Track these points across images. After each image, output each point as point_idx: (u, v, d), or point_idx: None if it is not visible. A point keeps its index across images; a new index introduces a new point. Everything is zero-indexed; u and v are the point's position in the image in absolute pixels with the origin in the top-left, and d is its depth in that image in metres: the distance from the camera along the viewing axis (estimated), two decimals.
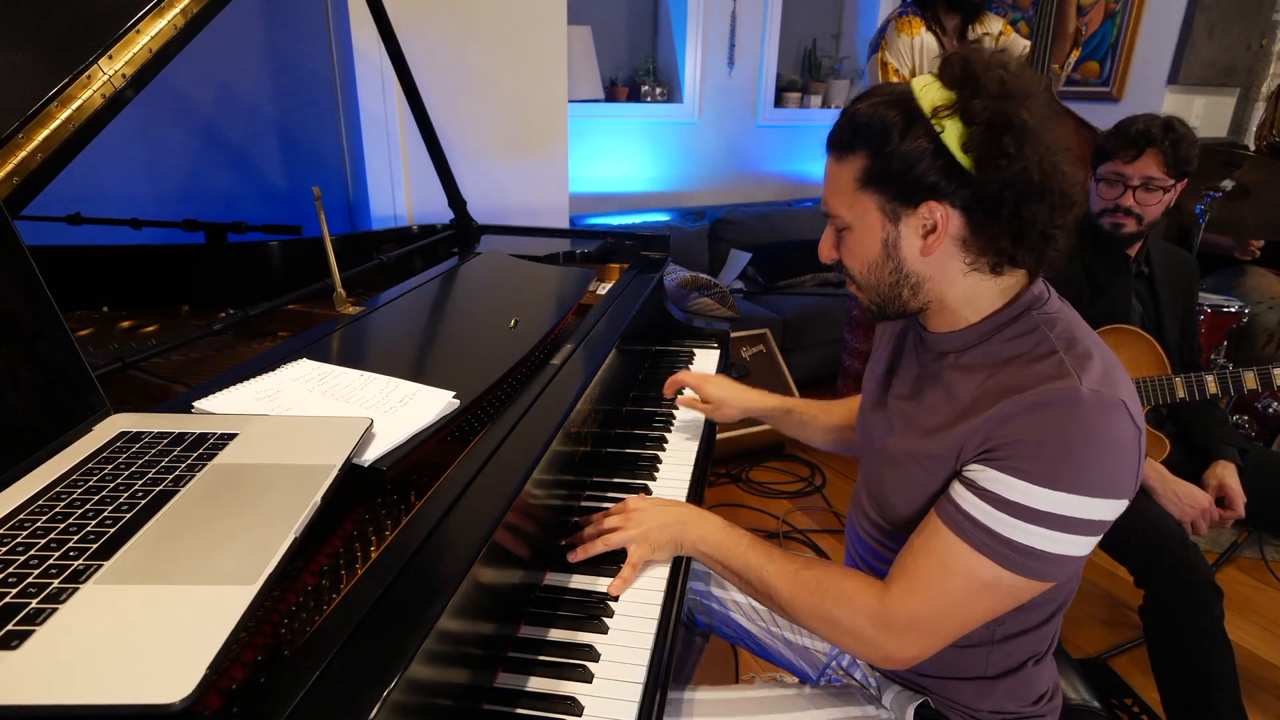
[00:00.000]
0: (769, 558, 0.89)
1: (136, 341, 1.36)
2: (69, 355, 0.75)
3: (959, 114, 0.73)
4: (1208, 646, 1.38)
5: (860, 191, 0.79)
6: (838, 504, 2.58)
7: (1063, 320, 0.80)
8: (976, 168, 0.73)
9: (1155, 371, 1.64)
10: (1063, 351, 0.75)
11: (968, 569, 0.75)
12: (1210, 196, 2.24)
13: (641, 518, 0.94)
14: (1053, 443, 0.71)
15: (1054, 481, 0.71)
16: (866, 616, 0.80)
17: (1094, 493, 0.71)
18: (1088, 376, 0.73)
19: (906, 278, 0.82)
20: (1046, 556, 0.73)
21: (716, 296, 2.74)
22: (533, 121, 2.34)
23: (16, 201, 0.91)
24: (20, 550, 0.56)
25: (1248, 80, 3.15)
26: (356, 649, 0.55)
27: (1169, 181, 1.53)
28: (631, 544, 0.92)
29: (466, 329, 1.17)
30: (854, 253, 0.84)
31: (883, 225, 0.80)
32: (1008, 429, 0.74)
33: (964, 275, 0.80)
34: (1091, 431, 0.71)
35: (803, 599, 0.84)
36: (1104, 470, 0.71)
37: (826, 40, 4.30)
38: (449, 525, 0.71)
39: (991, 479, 0.74)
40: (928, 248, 0.79)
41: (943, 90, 0.75)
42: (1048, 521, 0.72)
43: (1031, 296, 0.81)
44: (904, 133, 0.75)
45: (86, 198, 1.92)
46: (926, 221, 0.77)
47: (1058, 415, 0.72)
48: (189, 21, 1.07)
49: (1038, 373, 0.74)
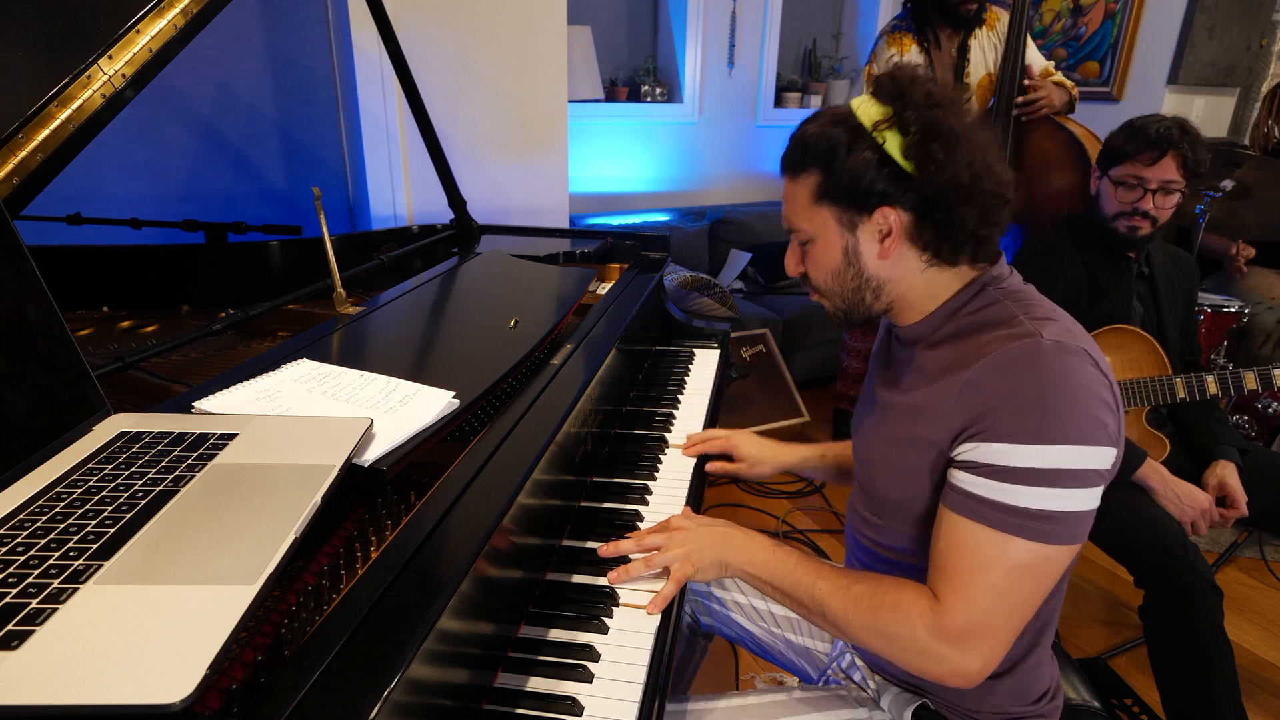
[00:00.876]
0: (819, 574, 0.87)
1: (136, 341, 1.36)
2: (69, 355, 0.75)
3: (896, 125, 0.79)
4: (1208, 646, 1.38)
5: (817, 206, 0.86)
6: (838, 504, 2.58)
7: (1023, 292, 0.85)
8: (918, 170, 0.79)
9: (1155, 372, 1.64)
10: (1022, 315, 0.80)
11: (1001, 554, 0.75)
12: (1210, 196, 2.24)
13: (685, 538, 0.92)
14: (1025, 396, 0.74)
15: (1039, 435, 0.73)
16: (924, 629, 0.78)
17: (1081, 439, 0.73)
18: (1048, 330, 0.77)
19: (868, 281, 0.87)
20: (1063, 517, 0.74)
21: (716, 296, 2.74)
22: (533, 121, 2.34)
23: (16, 201, 0.91)
24: (20, 550, 0.56)
25: (1248, 80, 3.15)
26: (356, 649, 0.55)
27: (1184, 184, 1.53)
28: (675, 564, 0.90)
29: (466, 329, 1.17)
30: (818, 264, 0.89)
31: (841, 235, 0.85)
32: (980, 395, 0.77)
33: (922, 271, 0.86)
34: (1059, 377, 0.74)
35: (857, 615, 0.83)
36: (1082, 413, 0.74)
37: (826, 40, 4.30)
38: (449, 525, 0.71)
39: (985, 452, 0.76)
40: (885, 250, 0.84)
41: (879, 106, 0.81)
42: (1050, 479, 0.73)
43: (989, 276, 0.86)
44: (850, 148, 0.81)
45: (86, 198, 1.93)
46: (881, 226, 0.83)
47: (1023, 368, 0.75)
48: (189, 21, 1.07)
49: (1001, 335, 0.79)
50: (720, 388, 1.49)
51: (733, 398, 2.88)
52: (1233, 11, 3.03)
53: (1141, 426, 1.67)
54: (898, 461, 0.87)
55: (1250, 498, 1.54)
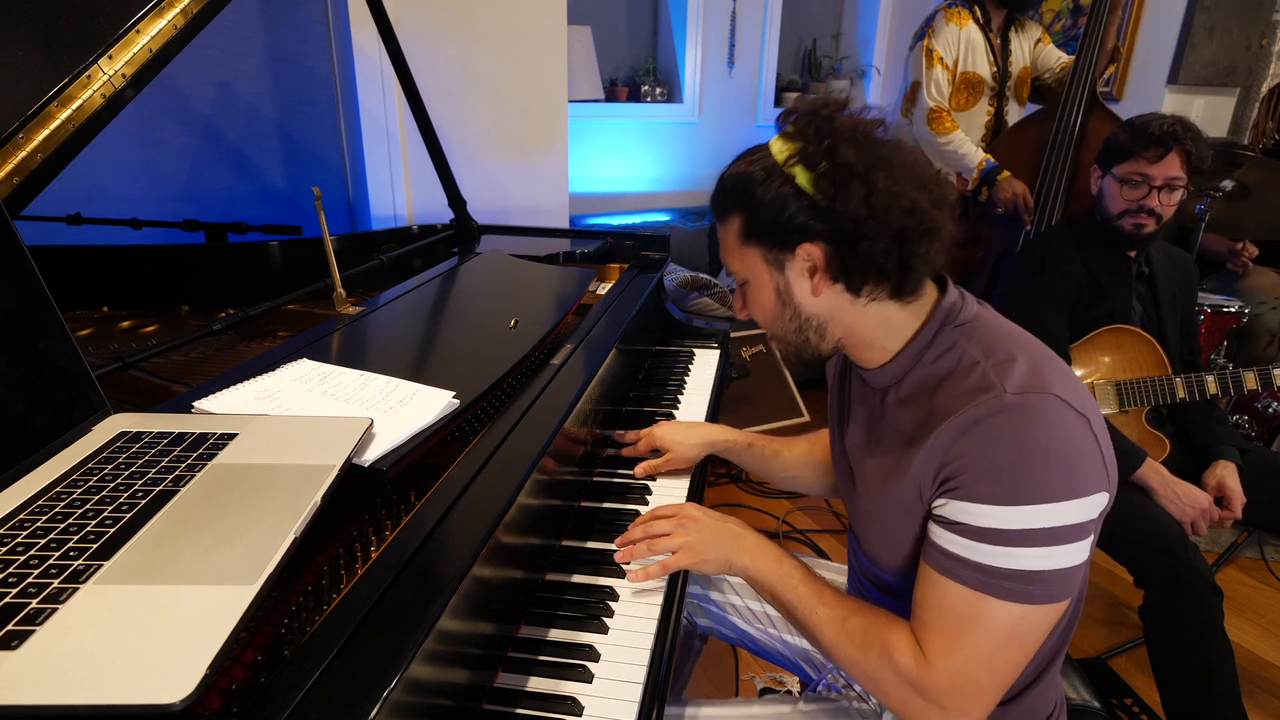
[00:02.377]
0: (820, 598, 0.85)
1: (136, 341, 1.36)
2: (69, 355, 0.75)
3: (801, 160, 0.77)
4: (1208, 646, 1.38)
5: (744, 247, 0.83)
6: (838, 504, 2.58)
7: (980, 328, 0.80)
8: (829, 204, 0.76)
9: (1156, 372, 1.64)
10: (983, 361, 0.75)
11: (977, 615, 0.73)
12: (1210, 196, 2.24)
13: (696, 528, 0.92)
14: (996, 459, 0.71)
15: (1013, 497, 0.70)
16: (910, 684, 0.76)
17: (1058, 497, 0.69)
18: (1010, 381, 0.72)
19: (808, 321, 0.83)
20: (1040, 576, 0.71)
21: (716, 296, 2.74)
22: (533, 121, 2.34)
23: (16, 201, 0.91)
24: (20, 550, 0.56)
25: (1248, 80, 3.15)
26: (356, 649, 0.56)
27: (1187, 180, 1.53)
28: (679, 550, 0.90)
29: (466, 329, 1.17)
30: (756, 305, 0.87)
31: (770, 274, 0.83)
32: (950, 455, 0.73)
33: (865, 307, 0.81)
34: (1030, 438, 0.70)
35: (848, 650, 0.81)
36: (1057, 472, 0.70)
37: (826, 40, 4.30)
38: (449, 525, 0.71)
39: (956, 510, 0.73)
40: (815, 288, 0.80)
41: (788, 142, 0.79)
42: (1026, 539, 0.70)
43: (944, 311, 0.81)
44: (764, 184, 0.78)
45: (86, 198, 1.93)
46: (805, 263, 0.80)
47: (991, 431, 0.71)
48: (189, 21, 1.08)
49: (964, 390, 0.74)
50: (720, 388, 1.49)
51: (733, 398, 2.88)
52: (1233, 11, 3.03)
53: (1141, 426, 1.67)
54: (889, 529, 0.84)
55: (1250, 498, 1.54)
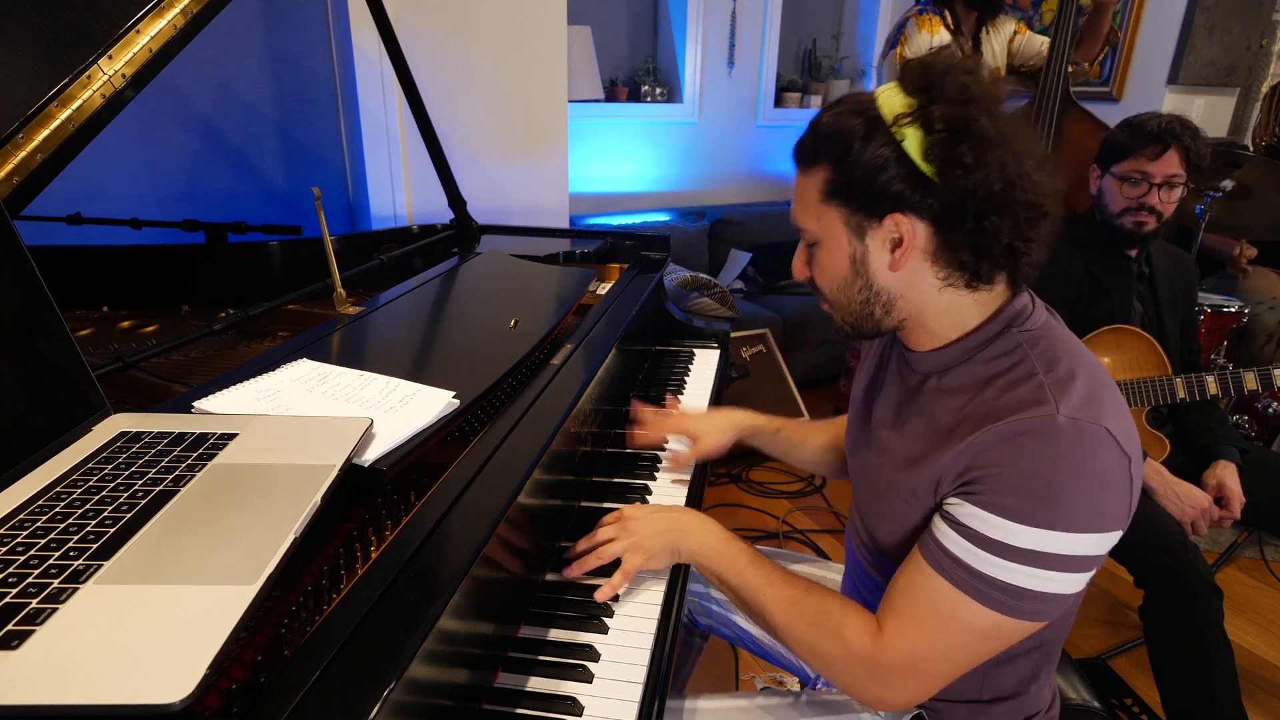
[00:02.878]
0: (767, 579, 0.85)
1: (136, 341, 1.36)
2: (69, 355, 0.75)
3: (919, 121, 0.70)
4: (1208, 646, 1.38)
5: (825, 204, 0.77)
6: (838, 504, 2.58)
7: (1046, 337, 0.76)
8: (938, 177, 0.70)
9: (1156, 372, 1.64)
10: (1043, 374, 0.72)
11: (954, 611, 0.72)
12: (1210, 196, 2.24)
13: (636, 526, 0.91)
14: (1029, 477, 0.68)
15: (1032, 518, 0.68)
16: (860, 660, 0.76)
17: (1077, 528, 0.68)
18: (1066, 402, 0.69)
19: (877, 295, 0.79)
20: (1031, 595, 0.70)
21: (716, 296, 2.74)
22: (533, 122, 2.34)
23: (16, 201, 0.91)
24: (20, 550, 0.56)
25: (1248, 80, 3.15)
26: (356, 649, 0.55)
27: (1187, 178, 1.54)
28: (626, 553, 0.89)
29: (466, 329, 1.17)
30: (824, 269, 0.81)
31: (849, 240, 0.77)
32: (984, 459, 0.71)
33: (939, 291, 0.77)
34: (1070, 464, 0.67)
35: (798, 628, 0.81)
36: (1086, 504, 0.68)
37: (826, 40, 4.30)
38: (449, 525, 0.71)
39: (970, 514, 0.71)
40: (895, 262, 0.75)
41: (904, 97, 0.72)
42: (1030, 559, 0.69)
43: (1013, 311, 0.77)
44: (865, 141, 0.72)
45: (86, 198, 1.93)
46: (893, 234, 0.75)
47: (1034, 447, 0.68)
48: (189, 21, 1.07)
49: (1016, 398, 0.71)
50: (720, 388, 1.49)
51: (733, 398, 2.88)
52: (1233, 11, 3.03)
53: (1141, 426, 1.67)
54: (894, 511, 0.82)
55: (1250, 498, 1.54)
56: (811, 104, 4.20)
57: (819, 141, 0.76)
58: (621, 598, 0.89)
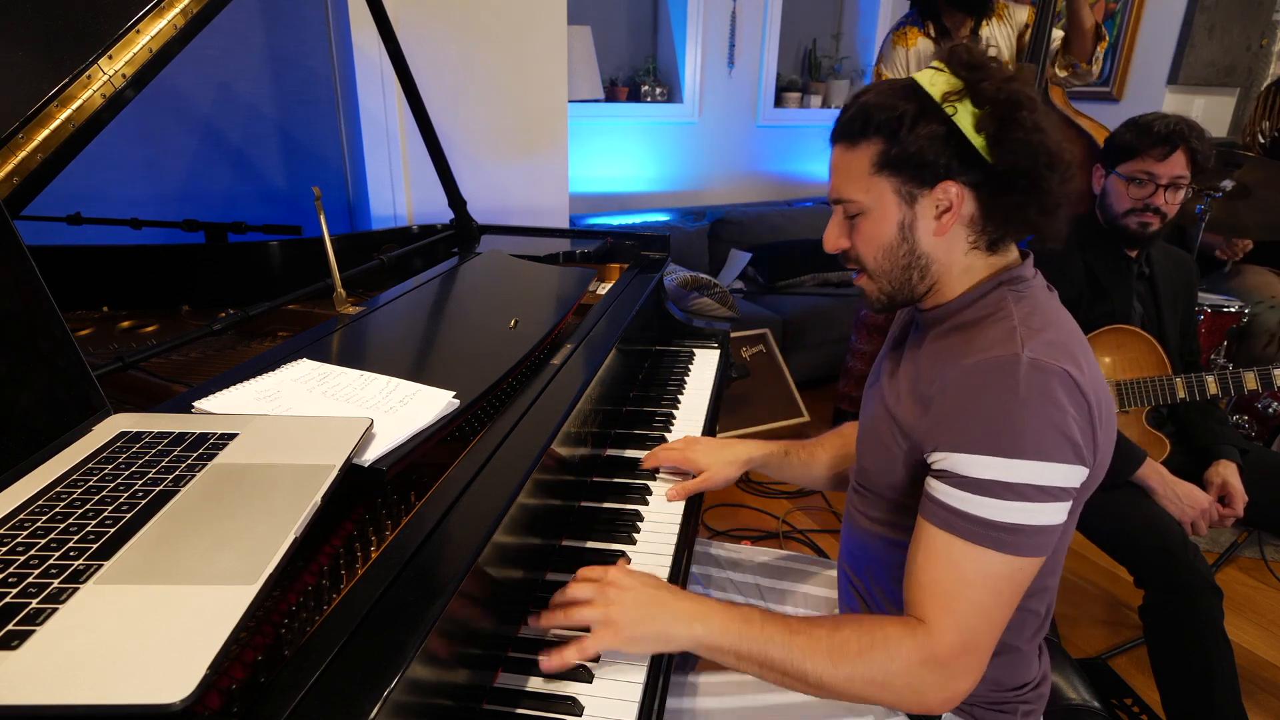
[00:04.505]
0: (790, 629, 0.77)
1: (136, 341, 1.36)
2: (69, 355, 0.75)
3: (969, 97, 0.78)
4: (1208, 646, 1.38)
5: (875, 176, 0.83)
6: (838, 504, 2.58)
7: (1034, 299, 0.83)
8: (991, 145, 0.78)
9: (1156, 372, 1.64)
10: (1017, 321, 0.78)
11: (977, 567, 0.75)
12: (1210, 196, 2.24)
13: (618, 596, 0.78)
14: (988, 408, 0.74)
15: (1000, 449, 0.73)
16: (922, 663, 0.74)
17: (1042, 456, 0.72)
18: (1032, 345, 0.75)
19: (918, 259, 0.85)
20: (1030, 529, 0.74)
21: (716, 296, 2.74)
22: (533, 122, 2.34)
23: (16, 201, 0.91)
24: (20, 550, 0.56)
25: (1248, 80, 3.15)
26: (356, 649, 0.55)
27: (1191, 179, 1.54)
28: (598, 626, 0.76)
29: (466, 329, 1.17)
30: (868, 237, 0.86)
31: (899, 207, 0.83)
32: (948, 400, 0.77)
33: (965, 254, 0.85)
34: (1023, 395, 0.73)
35: (845, 666, 0.74)
36: (1046, 431, 0.73)
37: (826, 40, 4.30)
38: (449, 525, 0.71)
39: (953, 462, 0.76)
40: (941, 227, 0.83)
41: (950, 78, 0.80)
42: (1015, 492, 0.73)
43: (1013, 274, 0.85)
44: (917, 119, 0.79)
45: (86, 198, 1.92)
46: (941, 201, 0.82)
47: (990, 380, 0.75)
48: (189, 21, 1.07)
49: (986, 338, 0.78)
50: (720, 388, 1.49)
51: (733, 398, 2.88)
52: (1233, 11, 3.04)
53: (1141, 426, 1.67)
54: (878, 437, 0.89)
55: (1250, 498, 1.54)
56: (811, 104, 4.20)
57: (869, 119, 0.82)
58: None
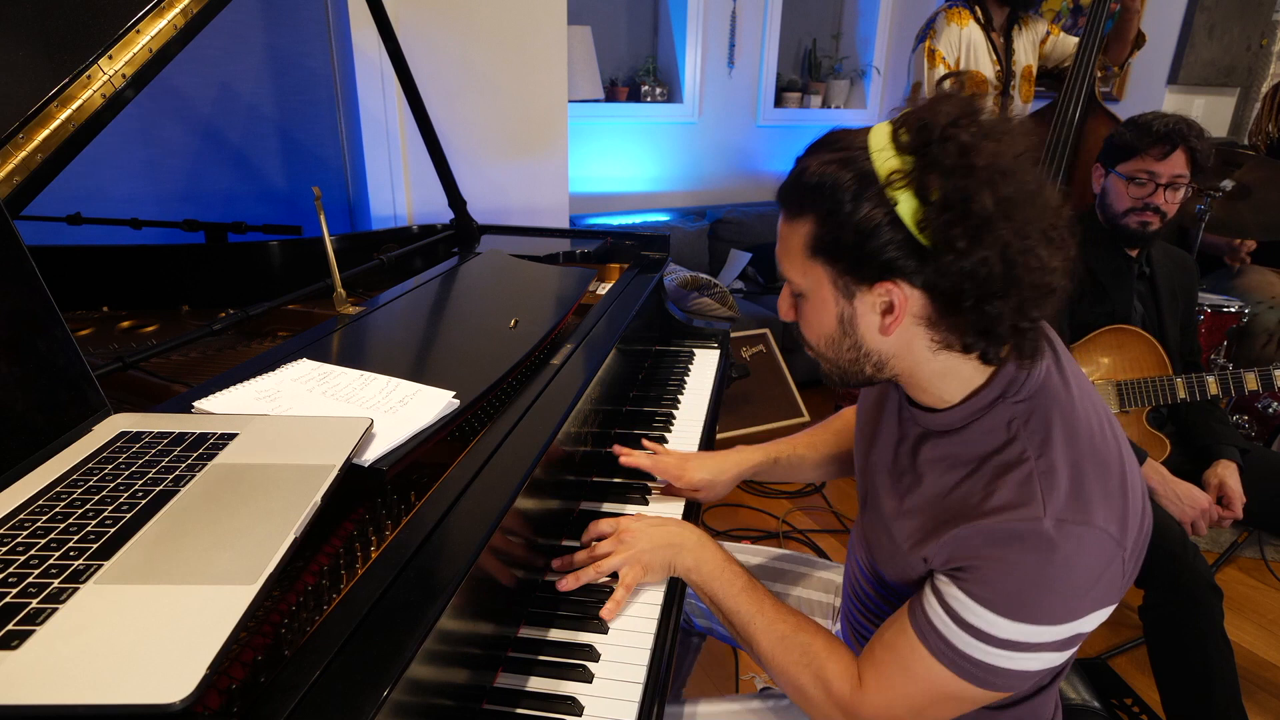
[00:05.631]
0: (759, 609, 0.86)
1: (136, 341, 1.36)
2: (69, 355, 0.75)
3: (913, 186, 0.64)
4: (1208, 646, 1.38)
5: (811, 260, 0.71)
6: (838, 504, 2.58)
7: (1040, 408, 0.71)
8: (934, 249, 0.64)
9: (1156, 372, 1.64)
10: (1033, 459, 0.69)
11: (929, 676, 0.73)
12: (1210, 196, 2.24)
13: (634, 539, 0.91)
14: (1016, 580, 0.67)
15: (1018, 615, 0.67)
16: (837, 705, 0.79)
17: (1062, 620, 0.67)
18: (1053, 502, 0.66)
19: (867, 355, 0.74)
20: (1008, 673, 0.70)
21: (716, 296, 2.74)
22: (533, 121, 2.34)
23: (16, 201, 0.91)
24: (20, 550, 0.56)
25: (1248, 80, 3.15)
26: (356, 649, 0.55)
27: (1190, 178, 1.54)
28: (624, 567, 0.89)
29: (466, 329, 1.17)
30: (810, 323, 0.76)
31: (836, 300, 0.72)
32: (969, 552, 0.69)
33: (934, 354, 0.72)
34: (1058, 569, 0.65)
35: (781, 662, 0.83)
36: (1074, 600, 0.67)
37: (826, 40, 4.30)
38: (449, 525, 0.71)
39: (955, 597, 0.70)
40: (886, 327, 0.70)
41: (897, 154, 0.65)
42: (1011, 647, 0.68)
43: (1008, 377, 0.72)
44: (855, 199, 0.65)
45: (86, 198, 1.93)
46: (883, 299, 0.69)
47: (1021, 552, 0.66)
48: (189, 21, 1.07)
49: (1005, 497, 0.68)
50: (720, 388, 1.49)
51: (733, 398, 2.88)
52: (1233, 11, 3.03)
53: (1141, 426, 1.67)
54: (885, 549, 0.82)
55: (1250, 498, 1.54)
56: (811, 104, 4.20)
57: (804, 191, 0.70)
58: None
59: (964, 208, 0.62)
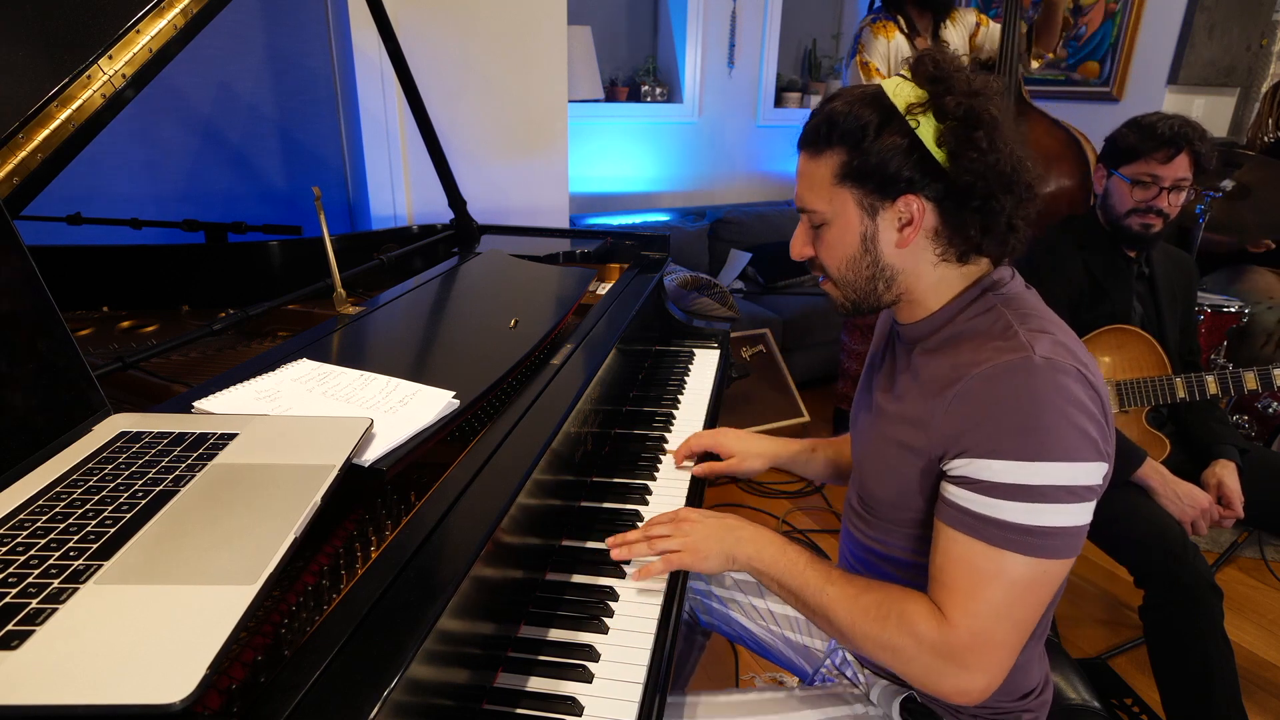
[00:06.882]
0: (828, 579, 0.86)
1: (136, 341, 1.36)
2: (69, 355, 0.75)
3: (933, 110, 0.78)
4: (1208, 646, 1.38)
5: (838, 186, 0.83)
6: (838, 504, 2.58)
7: (1022, 301, 0.83)
8: (950, 161, 0.78)
9: (1156, 372, 1.64)
10: (1018, 325, 0.78)
11: (998, 570, 0.74)
12: (1210, 196, 2.24)
13: (691, 529, 0.93)
14: (1014, 412, 0.74)
15: (1026, 452, 0.73)
16: (932, 648, 0.77)
17: (1067, 456, 0.72)
18: (1039, 346, 0.75)
19: (882, 271, 0.85)
20: (1056, 531, 0.73)
21: (716, 296, 2.74)
22: (533, 121, 2.34)
23: (16, 201, 0.91)
24: (20, 550, 0.56)
25: (1248, 80, 3.15)
26: (356, 649, 0.56)
27: (1193, 181, 1.54)
28: (679, 554, 0.91)
29: (466, 329, 1.17)
30: (831, 248, 0.87)
31: (861, 219, 0.83)
32: (968, 409, 0.76)
33: (934, 266, 0.84)
34: (1049, 394, 0.73)
35: (863, 625, 0.81)
36: (1071, 431, 0.73)
37: (826, 40, 4.30)
38: (449, 525, 0.71)
39: (975, 468, 0.75)
40: (903, 240, 0.82)
41: (915, 89, 0.79)
42: (1039, 495, 0.73)
43: (991, 280, 0.85)
44: (880, 130, 0.79)
45: (86, 198, 1.93)
46: (903, 214, 0.81)
47: (1013, 383, 0.74)
48: (189, 21, 1.08)
49: (994, 346, 0.78)
50: (720, 388, 1.49)
51: (733, 398, 2.88)
52: (1233, 11, 3.03)
53: (1141, 426, 1.67)
54: (889, 466, 0.87)
55: (1250, 498, 1.54)
56: (811, 104, 4.19)
57: (834, 128, 0.81)
58: (621, 598, 0.89)
59: (978, 118, 0.77)
